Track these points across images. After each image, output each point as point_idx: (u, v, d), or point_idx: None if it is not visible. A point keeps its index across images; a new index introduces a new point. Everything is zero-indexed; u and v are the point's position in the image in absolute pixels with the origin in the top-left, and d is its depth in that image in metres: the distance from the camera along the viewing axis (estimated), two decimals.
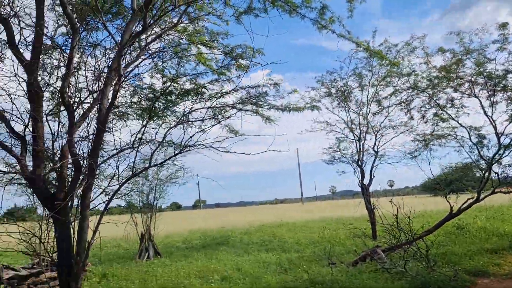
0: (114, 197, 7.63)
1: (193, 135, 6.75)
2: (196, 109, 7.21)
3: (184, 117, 7.17)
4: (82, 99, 7.45)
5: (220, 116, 7.76)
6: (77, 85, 7.65)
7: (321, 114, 22.07)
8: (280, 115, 8.44)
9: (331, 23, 8.25)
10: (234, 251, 16.34)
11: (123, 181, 7.21)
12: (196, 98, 7.91)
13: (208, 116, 7.40)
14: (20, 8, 7.29)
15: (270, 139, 7.23)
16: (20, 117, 7.30)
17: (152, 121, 8.05)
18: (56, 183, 7.33)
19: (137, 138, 7.71)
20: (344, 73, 17.77)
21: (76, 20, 6.99)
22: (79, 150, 7.28)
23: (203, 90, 8.15)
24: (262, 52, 7.85)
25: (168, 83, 8.39)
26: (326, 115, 28.08)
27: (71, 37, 7.49)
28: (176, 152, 7.18)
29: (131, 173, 7.33)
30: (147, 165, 8.22)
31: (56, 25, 8.24)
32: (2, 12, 7.18)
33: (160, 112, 8.46)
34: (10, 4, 7.13)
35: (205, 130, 6.97)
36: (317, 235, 20.04)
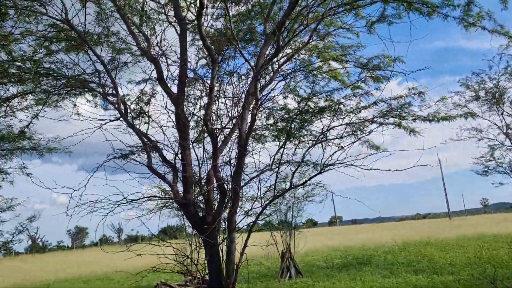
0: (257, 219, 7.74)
1: (333, 154, 6.51)
2: (333, 127, 6.98)
3: (322, 136, 6.99)
4: (223, 125, 7.79)
5: (359, 132, 7.41)
6: (218, 112, 8.03)
7: (468, 120, 19.91)
8: (426, 126, 7.74)
9: (480, 19, 7.33)
10: (378, 272, 15.42)
11: (266, 203, 7.28)
12: (332, 115, 7.70)
13: (347, 133, 7.10)
14: (166, 47, 8.01)
15: (411, 151, 6.61)
16: (171, 147, 7.95)
17: (289, 142, 8.04)
18: (204, 207, 7.73)
19: (275, 159, 7.75)
20: (493, 73, 15.81)
21: (214, 51, 7.39)
22: (223, 174, 7.61)
23: (339, 106, 7.90)
24: (402, 60, 7.34)
25: (303, 103, 8.35)
26: (474, 121, 25.29)
27: (211, 67, 7.96)
28: (316, 172, 7.01)
29: (272, 194, 7.37)
30: (287, 185, 8.23)
31: (197, 58, 8.88)
32: (152, 52, 7.97)
33: (296, 132, 8.43)
34: (158, 44, 7.87)
35: (345, 148, 6.68)
36: (472, 254, 17.86)
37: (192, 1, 7.54)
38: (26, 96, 9.84)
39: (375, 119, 7.37)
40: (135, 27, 8.22)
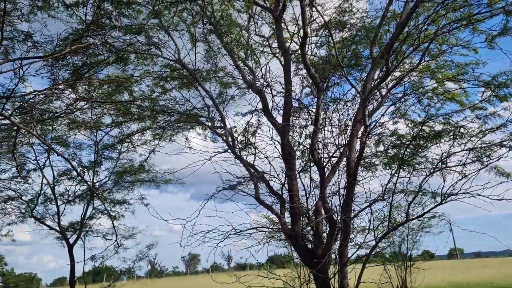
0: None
1: (455, 183, 5.86)
2: (454, 153, 6.32)
3: (441, 163, 6.36)
4: (330, 154, 7.54)
5: (485, 158, 6.61)
6: (324, 140, 7.83)
7: None
8: None
9: None
10: None
11: (380, 236, 6.79)
12: (452, 139, 7.00)
13: (470, 159, 6.37)
14: (271, 78, 8.11)
15: None
16: (277, 177, 7.89)
17: (402, 170, 7.49)
18: (313, 239, 7.47)
19: (387, 189, 7.25)
20: None
21: (319, 79, 7.26)
22: (331, 204, 7.31)
23: (460, 130, 7.18)
24: None
25: (417, 127, 7.77)
26: None
27: (315, 96, 7.84)
28: (436, 203, 6.37)
29: (386, 226, 6.87)
30: (401, 215, 7.63)
31: (301, 87, 8.83)
32: (257, 84, 8.12)
33: (410, 159, 7.84)
34: (263, 76, 8.00)
35: (469, 175, 5.98)
36: None
37: (295, 32, 7.56)
38: (145, 132, 10.67)
39: (504, 142, 6.53)
40: (240, 61, 8.49)
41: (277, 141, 7.86)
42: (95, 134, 12.00)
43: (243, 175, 8.55)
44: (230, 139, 8.17)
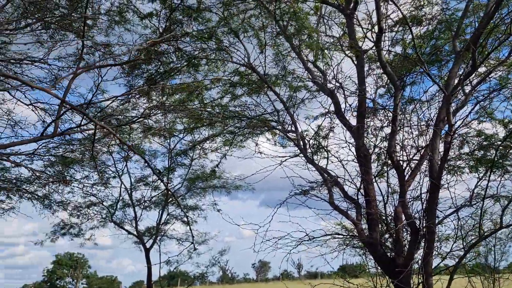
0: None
1: None
2: None
3: None
4: (410, 156, 7.07)
5: None
6: (402, 142, 7.36)
7: None
8: None
9: None
10: None
11: (469, 245, 6.21)
12: None
13: None
14: (343, 79, 7.82)
15: None
16: (352, 181, 7.53)
17: (492, 173, 6.82)
18: (393, 247, 7.03)
19: (475, 193, 6.65)
20: None
21: (395, 77, 6.86)
22: (412, 210, 6.84)
23: None
24: None
25: (506, 127, 7.06)
26: None
27: (392, 95, 7.43)
28: None
29: (476, 234, 6.27)
30: (489, 224, 6.96)
31: (375, 87, 8.41)
32: (328, 86, 7.86)
33: (500, 162, 7.14)
34: (335, 77, 7.72)
35: None
36: None
37: (369, 28, 7.22)
38: (215, 138, 10.79)
39: None
40: (310, 63, 8.28)
41: (351, 143, 7.53)
42: (168, 141, 12.38)
43: (315, 180, 8.30)
44: (301, 143, 7.97)
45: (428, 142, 6.66)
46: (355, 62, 7.49)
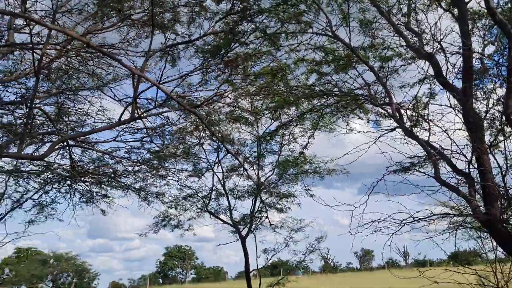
0: None
1: None
2: None
3: None
4: None
5: None
6: None
7: None
8: None
9: None
10: None
11: None
12: None
13: None
14: (442, 37, 6.88)
15: None
16: (461, 153, 6.56)
17: None
18: None
19: None
20: None
21: (509, 25, 5.78)
22: None
23: None
24: None
25: None
26: None
27: (504, 50, 6.34)
28: None
29: None
30: None
31: (482, 45, 7.30)
32: (425, 48, 6.98)
33: None
34: (433, 36, 6.82)
35: None
36: None
37: None
38: (303, 120, 10.35)
39: None
40: (402, 26, 7.44)
41: (457, 109, 6.57)
42: (256, 129, 12.18)
43: (415, 154, 7.46)
44: (397, 115, 7.18)
45: None
46: (456, 16, 6.51)
